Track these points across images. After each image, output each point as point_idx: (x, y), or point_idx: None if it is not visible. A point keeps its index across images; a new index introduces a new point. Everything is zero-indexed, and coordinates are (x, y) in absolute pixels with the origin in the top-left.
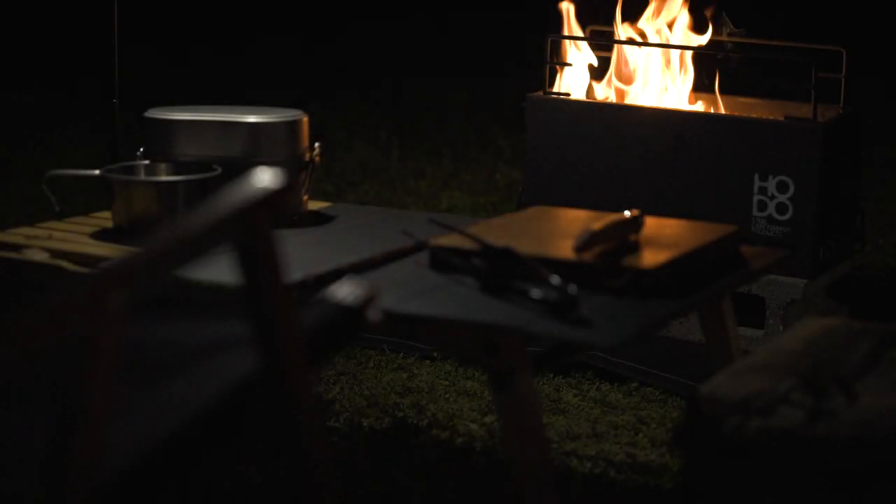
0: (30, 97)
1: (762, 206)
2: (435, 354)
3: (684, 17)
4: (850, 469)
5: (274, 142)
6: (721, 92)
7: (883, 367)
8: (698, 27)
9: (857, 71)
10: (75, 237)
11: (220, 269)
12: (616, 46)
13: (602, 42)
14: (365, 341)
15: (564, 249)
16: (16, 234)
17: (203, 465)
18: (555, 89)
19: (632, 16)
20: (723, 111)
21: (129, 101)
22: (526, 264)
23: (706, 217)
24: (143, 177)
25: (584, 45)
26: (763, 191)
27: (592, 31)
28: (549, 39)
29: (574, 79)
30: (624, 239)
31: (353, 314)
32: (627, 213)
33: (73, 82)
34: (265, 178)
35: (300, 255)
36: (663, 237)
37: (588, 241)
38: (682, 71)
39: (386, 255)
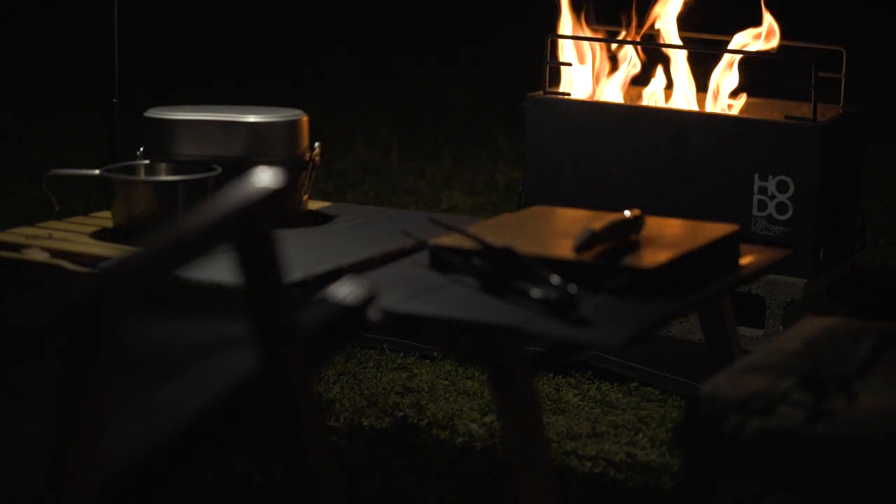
0: (29, 97)
1: (762, 206)
2: (435, 354)
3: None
4: (850, 469)
5: (274, 142)
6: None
7: (883, 367)
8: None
9: (857, 71)
10: (75, 237)
11: (220, 269)
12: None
13: (602, 41)
14: (365, 341)
15: (564, 249)
16: (16, 234)
17: (203, 465)
18: (555, 89)
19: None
20: (723, 111)
21: (129, 101)
22: (526, 264)
23: (706, 217)
24: (143, 177)
25: (585, 44)
26: (763, 191)
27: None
28: (549, 39)
29: (574, 78)
30: (624, 239)
31: (353, 314)
32: (627, 213)
33: (73, 82)
34: (265, 178)
35: (300, 255)
36: (663, 237)
37: (588, 241)
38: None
39: (386, 255)
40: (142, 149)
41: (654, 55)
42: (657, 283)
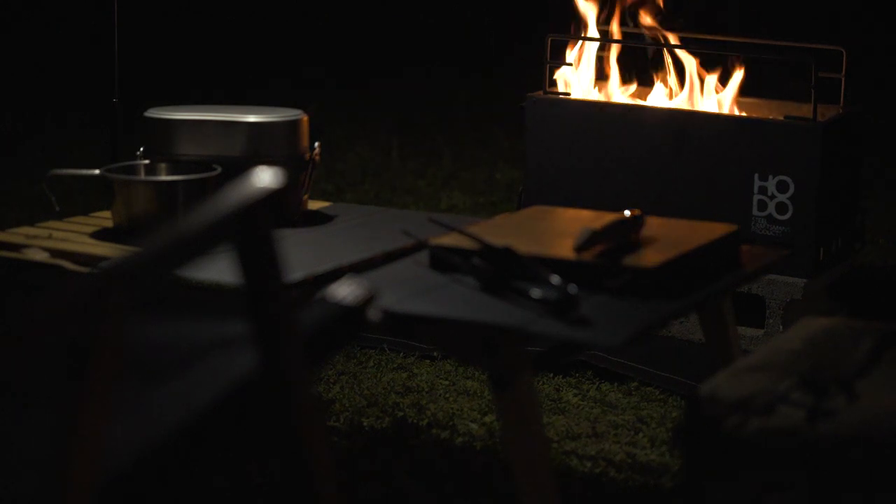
0: (29, 97)
1: (762, 205)
2: (435, 354)
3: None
4: (850, 469)
5: (274, 142)
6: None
7: (883, 367)
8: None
9: (857, 71)
10: (75, 237)
11: (220, 269)
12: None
13: (601, 41)
14: (365, 341)
15: (564, 249)
16: (16, 234)
17: (202, 465)
18: (555, 89)
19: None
20: (724, 111)
21: (130, 101)
22: (526, 264)
23: (706, 217)
24: (143, 177)
25: (584, 44)
26: (763, 190)
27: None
28: (549, 39)
29: (574, 78)
30: (624, 239)
31: (353, 314)
32: (627, 213)
33: (74, 82)
34: (265, 177)
35: (300, 255)
36: (663, 237)
37: (588, 240)
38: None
39: (386, 254)
40: (142, 149)
41: (654, 55)
42: (657, 283)
